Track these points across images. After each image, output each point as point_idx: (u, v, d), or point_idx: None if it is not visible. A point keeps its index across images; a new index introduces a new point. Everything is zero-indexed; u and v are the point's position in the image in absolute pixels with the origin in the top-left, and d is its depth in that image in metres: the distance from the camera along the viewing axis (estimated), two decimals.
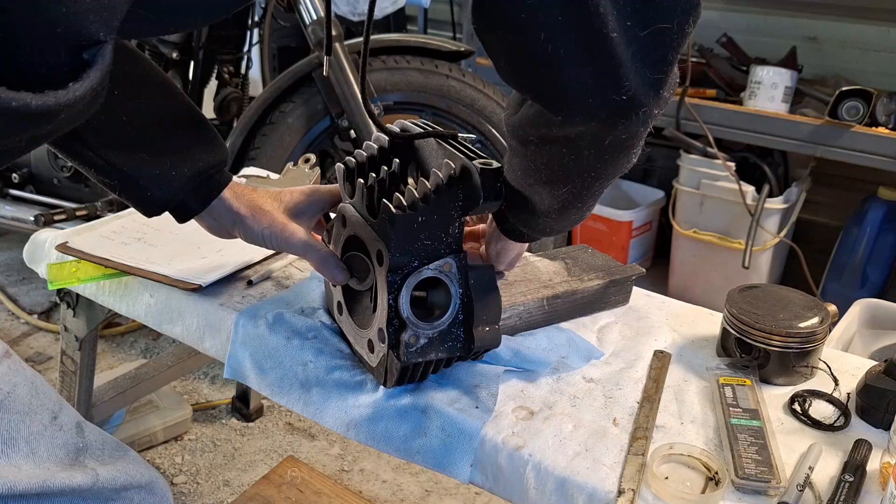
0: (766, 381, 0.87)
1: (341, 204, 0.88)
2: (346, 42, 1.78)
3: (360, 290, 0.88)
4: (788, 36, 2.46)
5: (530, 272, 0.99)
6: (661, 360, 0.89)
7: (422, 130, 0.87)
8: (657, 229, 2.59)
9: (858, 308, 1.69)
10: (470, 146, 0.82)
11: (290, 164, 1.39)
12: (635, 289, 1.03)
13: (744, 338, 0.87)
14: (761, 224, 2.17)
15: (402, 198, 0.77)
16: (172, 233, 1.16)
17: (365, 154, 0.87)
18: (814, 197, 2.39)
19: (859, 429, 0.80)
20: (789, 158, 2.35)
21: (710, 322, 0.99)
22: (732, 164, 2.18)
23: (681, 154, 2.31)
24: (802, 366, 0.86)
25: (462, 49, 1.93)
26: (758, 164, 2.27)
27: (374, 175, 0.83)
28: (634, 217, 2.43)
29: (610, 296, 1.00)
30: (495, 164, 0.77)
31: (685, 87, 2.22)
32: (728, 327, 0.89)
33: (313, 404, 0.87)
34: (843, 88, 2.02)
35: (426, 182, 0.77)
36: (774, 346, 0.85)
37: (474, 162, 0.77)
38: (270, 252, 1.11)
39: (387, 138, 0.87)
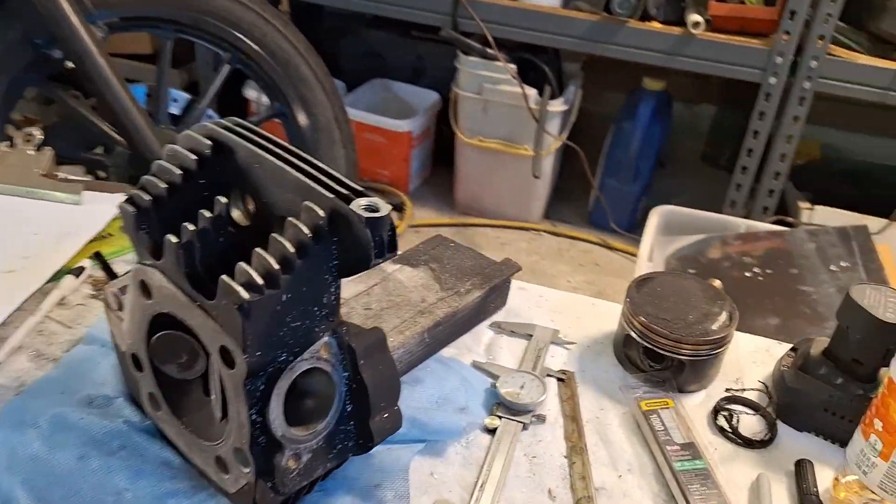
0: (679, 388, 0.78)
1: (137, 266, 0.59)
2: None
3: (185, 378, 0.62)
4: None
5: (395, 291, 0.79)
6: (568, 387, 0.76)
7: (242, 140, 0.60)
8: (435, 134, 2.44)
9: (656, 217, 1.71)
10: (326, 168, 0.57)
11: (2, 145, 1.00)
12: None
13: (656, 349, 0.76)
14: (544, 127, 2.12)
15: (249, 270, 0.51)
16: None
17: (162, 184, 0.59)
18: (585, 90, 2.37)
19: (786, 435, 0.74)
20: (561, 55, 2.29)
21: (595, 314, 0.87)
22: (514, 67, 2.07)
23: (458, 56, 2.14)
24: (714, 368, 0.79)
25: None
26: (537, 63, 2.18)
27: (189, 225, 0.55)
28: (413, 126, 2.25)
29: (489, 304, 0.83)
30: (383, 207, 0.53)
31: None
32: (636, 337, 0.77)
33: None
34: None
35: (281, 241, 0.52)
36: (686, 356, 0.76)
37: (353, 204, 0.53)
38: (16, 303, 0.77)
39: (193, 157, 0.59)
